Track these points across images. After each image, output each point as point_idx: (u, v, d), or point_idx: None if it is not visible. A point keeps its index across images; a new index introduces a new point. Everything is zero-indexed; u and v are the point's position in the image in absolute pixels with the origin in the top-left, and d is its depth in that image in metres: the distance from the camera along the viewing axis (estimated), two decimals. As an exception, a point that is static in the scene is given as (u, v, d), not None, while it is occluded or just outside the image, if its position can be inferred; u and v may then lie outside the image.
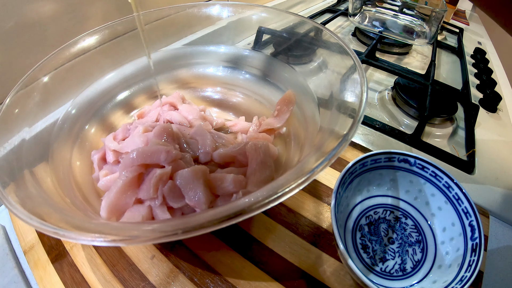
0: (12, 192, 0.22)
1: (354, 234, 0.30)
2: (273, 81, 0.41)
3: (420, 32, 0.71)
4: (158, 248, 0.30)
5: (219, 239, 0.30)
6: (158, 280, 0.27)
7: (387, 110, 0.51)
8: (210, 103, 0.43)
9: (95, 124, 0.36)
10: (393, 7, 0.76)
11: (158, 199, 0.26)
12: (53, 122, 0.32)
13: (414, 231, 0.30)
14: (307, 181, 0.19)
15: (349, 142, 0.22)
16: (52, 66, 0.33)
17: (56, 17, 0.41)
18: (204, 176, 0.26)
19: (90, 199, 0.28)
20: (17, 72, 0.39)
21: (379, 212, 0.31)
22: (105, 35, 0.38)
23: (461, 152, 0.44)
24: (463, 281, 0.22)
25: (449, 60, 0.72)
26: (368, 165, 0.30)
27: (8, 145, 0.26)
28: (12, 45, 0.38)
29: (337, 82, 0.31)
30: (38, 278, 0.28)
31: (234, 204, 0.19)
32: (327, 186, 0.36)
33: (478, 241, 0.24)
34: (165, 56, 0.43)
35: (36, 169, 0.27)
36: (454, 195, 0.27)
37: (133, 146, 0.30)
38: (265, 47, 0.44)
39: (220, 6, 0.43)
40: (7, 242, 0.31)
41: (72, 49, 0.35)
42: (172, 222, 0.21)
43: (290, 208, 0.33)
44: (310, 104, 0.34)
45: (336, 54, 0.33)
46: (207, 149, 0.31)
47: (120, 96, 0.40)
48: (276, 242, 0.30)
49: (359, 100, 0.25)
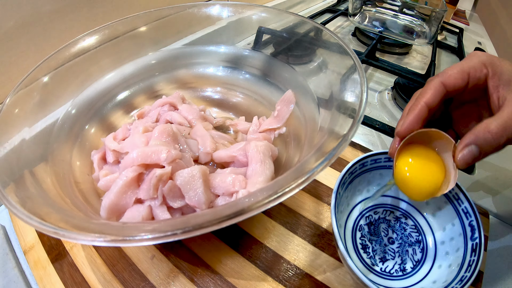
0: (12, 192, 0.22)
1: (354, 234, 0.30)
2: (273, 81, 0.41)
3: (420, 32, 0.71)
4: (158, 248, 0.30)
5: (219, 239, 0.30)
6: (158, 280, 0.27)
7: (387, 110, 0.51)
8: (210, 103, 0.43)
9: (95, 124, 0.36)
10: (393, 7, 0.76)
11: (158, 199, 0.26)
12: (53, 122, 0.32)
13: (414, 231, 0.30)
14: (307, 181, 0.19)
15: (349, 142, 0.22)
16: (52, 66, 0.33)
17: (56, 17, 0.41)
18: (204, 176, 0.26)
19: (90, 199, 0.28)
20: (17, 72, 0.39)
21: (379, 212, 0.31)
22: (105, 35, 0.38)
23: (461, 152, 0.44)
24: (463, 281, 0.22)
25: (449, 60, 0.72)
26: (368, 165, 0.30)
27: (8, 145, 0.26)
28: (12, 45, 0.38)
29: (337, 82, 0.31)
30: (38, 278, 0.28)
31: (234, 204, 0.19)
32: (327, 186, 0.36)
33: (478, 241, 0.24)
34: (165, 56, 0.43)
35: (36, 169, 0.27)
36: (454, 195, 0.27)
37: (133, 146, 0.30)
38: (265, 47, 0.44)
39: (220, 6, 0.43)
40: (7, 242, 0.31)
41: (72, 49, 0.35)
42: (172, 222, 0.22)
43: (290, 208, 0.33)
44: (310, 104, 0.34)
45: (336, 54, 0.33)
46: (207, 149, 0.31)
47: (120, 96, 0.40)
48: (276, 242, 0.30)
49: (359, 100, 0.25)
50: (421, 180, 0.25)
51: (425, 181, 0.25)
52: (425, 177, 0.25)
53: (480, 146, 0.21)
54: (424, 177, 0.25)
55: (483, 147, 0.21)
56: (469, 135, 0.22)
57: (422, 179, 0.25)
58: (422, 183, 0.25)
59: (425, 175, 0.25)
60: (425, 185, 0.25)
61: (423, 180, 0.25)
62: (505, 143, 0.21)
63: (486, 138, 0.21)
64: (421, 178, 0.25)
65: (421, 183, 0.25)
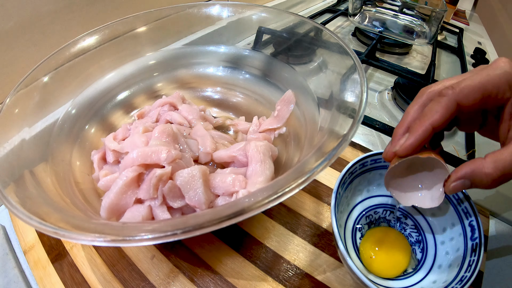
0: (12, 192, 0.22)
1: (354, 234, 0.30)
2: (273, 81, 0.41)
3: (420, 32, 0.71)
4: (158, 248, 0.30)
5: (219, 239, 0.30)
6: (158, 280, 0.27)
7: (387, 110, 0.51)
8: (210, 103, 0.43)
9: (95, 124, 0.36)
10: (393, 7, 0.76)
11: (158, 199, 0.26)
12: (53, 122, 0.32)
13: (414, 231, 0.30)
14: (307, 181, 0.19)
15: (349, 142, 0.22)
16: (52, 66, 0.33)
17: (56, 17, 0.41)
18: (204, 176, 0.26)
19: (90, 199, 0.28)
20: (17, 72, 0.39)
21: (379, 212, 0.31)
22: (105, 35, 0.38)
23: (461, 152, 0.44)
24: (463, 281, 0.22)
25: (449, 60, 0.72)
26: (368, 165, 0.30)
27: (8, 145, 0.26)
28: (12, 45, 0.38)
29: (337, 82, 0.31)
30: (38, 278, 0.28)
31: (234, 204, 0.19)
32: (327, 186, 0.36)
33: (478, 241, 0.24)
34: (165, 56, 0.43)
35: (36, 169, 0.27)
36: (454, 195, 0.27)
37: (133, 146, 0.30)
38: (265, 47, 0.44)
39: (220, 6, 0.43)
40: (7, 242, 0.31)
41: (72, 49, 0.35)
42: (172, 222, 0.22)
43: (290, 208, 0.33)
44: (310, 104, 0.34)
45: (336, 54, 0.33)
46: (207, 149, 0.31)
47: (120, 96, 0.40)
48: (276, 242, 0.30)
49: (359, 100, 0.25)
50: (387, 266, 0.27)
51: (390, 268, 0.27)
52: (390, 264, 0.27)
53: (474, 183, 0.20)
54: (389, 264, 0.27)
55: (477, 183, 0.20)
56: (465, 168, 0.20)
57: (388, 266, 0.27)
58: (387, 269, 0.27)
59: (390, 262, 0.27)
60: (391, 271, 0.27)
61: (388, 266, 0.27)
62: (500, 184, 0.20)
63: (482, 179, 0.20)
64: (387, 265, 0.27)
65: (387, 269, 0.27)
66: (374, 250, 0.28)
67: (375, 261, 0.27)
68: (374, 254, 0.27)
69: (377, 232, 0.30)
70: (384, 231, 0.30)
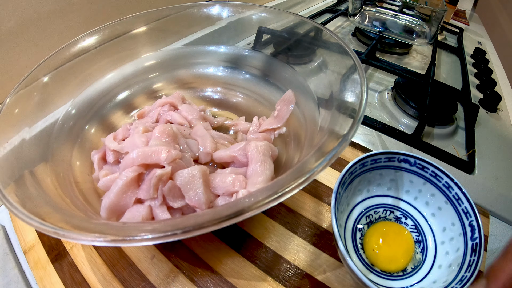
0: (12, 192, 0.22)
1: (354, 234, 0.30)
2: (273, 81, 0.41)
3: (420, 32, 0.71)
4: (158, 248, 0.30)
5: (219, 239, 0.30)
6: (158, 280, 0.27)
7: (387, 110, 0.51)
8: (210, 103, 0.43)
9: (95, 124, 0.36)
10: (393, 7, 0.76)
11: (158, 199, 0.26)
12: (53, 122, 0.32)
13: (414, 231, 0.30)
14: (307, 181, 0.19)
15: (349, 142, 0.22)
16: (52, 66, 0.33)
17: (56, 17, 0.41)
18: (204, 176, 0.26)
19: (90, 199, 0.28)
20: (17, 72, 0.39)
21: (379, 212, 0.31)
22: (105, 35, 0.38)
23: (461, 152, 0.44)
24: (463, 281, 0.22)
25: (449, 60, 0.72)
26: (368, 165, 0.30)
27: (8, 145, 0.26)
28: (12, 45, 0.38)
29: (337, 82, 0.31)
30: (38, 278, 0.28)
31: (234, 204, 0.19)
32: (327, 186, 0.36)
33: (478, 241, 0.24)
34: (165, 56, 0.43)
35: (36, 169, 0.27)
36: (454, 195, 0.27)
37: (133, 146, 0.30)
38: (265, 47, 0.44)
39: (220, 6, 0.43)
40: (7, 242, 0.31)
41: (72, 49, 0.35)
42: (172, 222, 0.22)
43: (290, 208, 0.33)
44: (310, 104, 0.34)
45: (336, 54, 0.33)
46: (207, 149, 0.31)
47: (120, 96, 0.40)
48: (276, 242, 0.30)
49: (359, 100, 0.25)
50: (391, 258, 0.28)
51: (394, 261, 0.28)
52: (394, 257, 0.28)
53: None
54: (393, 257, 0.28)
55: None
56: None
57: (391, 259, 0.28)
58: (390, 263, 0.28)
59: (393, 256, 0.28)
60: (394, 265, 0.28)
61: (391, 259, 0.28)
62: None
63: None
64: (390, 258, 0.28)
65: (391, 261, 0.28)
66: (378, 242, 0.28)
67: (379, 252, 0.28)
68: (378, 246, 0.28)
69: (382, 225, 0.30)
70: (389, 225, 0.30)
